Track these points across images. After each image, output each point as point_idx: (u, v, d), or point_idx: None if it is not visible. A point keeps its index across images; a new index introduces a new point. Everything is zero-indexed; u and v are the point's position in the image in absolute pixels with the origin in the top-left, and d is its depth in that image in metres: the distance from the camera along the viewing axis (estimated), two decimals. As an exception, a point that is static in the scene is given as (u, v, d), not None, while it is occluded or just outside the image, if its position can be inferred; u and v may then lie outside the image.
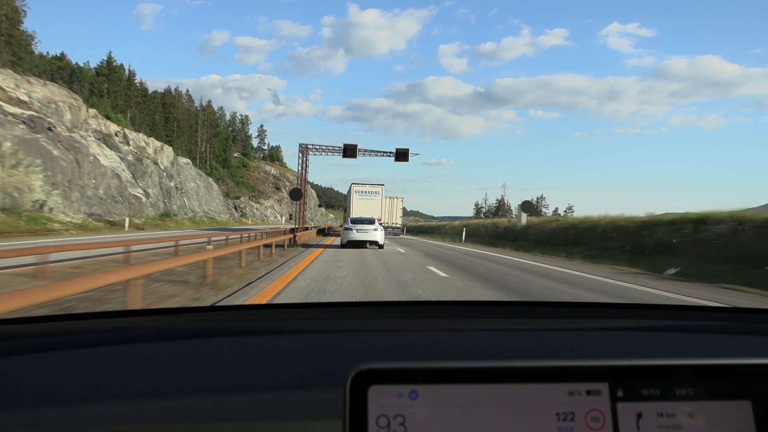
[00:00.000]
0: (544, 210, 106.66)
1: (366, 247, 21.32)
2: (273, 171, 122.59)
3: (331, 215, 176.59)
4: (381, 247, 21.76)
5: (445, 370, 0.42)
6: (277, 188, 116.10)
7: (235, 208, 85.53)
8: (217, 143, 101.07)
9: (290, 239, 22.70)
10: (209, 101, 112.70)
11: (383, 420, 0.41)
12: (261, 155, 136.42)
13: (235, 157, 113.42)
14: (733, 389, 0.43)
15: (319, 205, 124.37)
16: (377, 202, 37.10)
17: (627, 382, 0.43)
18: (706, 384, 0.43)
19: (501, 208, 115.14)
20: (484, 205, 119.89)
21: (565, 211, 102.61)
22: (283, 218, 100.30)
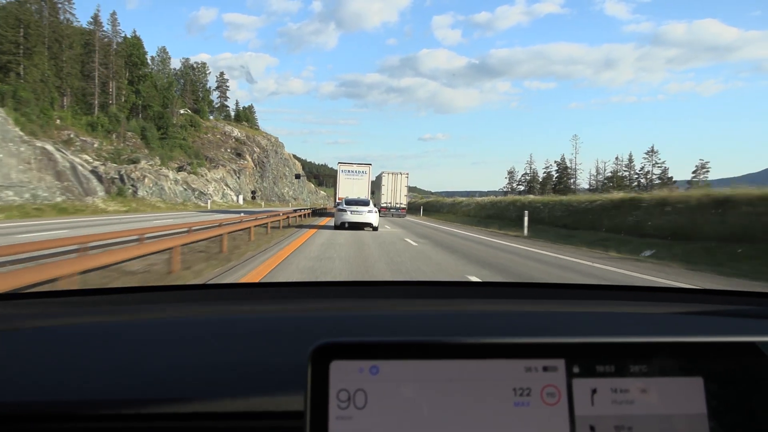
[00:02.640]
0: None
1: (362, 230, 20.56)
2: (236, 133, 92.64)
3: (322, 192, 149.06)
4: (375, 229, 21.68)
5: (404, 345, 0.44)
6: (239, 155, 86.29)
7: (122, 180, 48.37)
8: (145, 90, 70.29)
9: None
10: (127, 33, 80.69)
11: (344, 394, 0.42)
12: (224, 114, 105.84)
13: (181, 114, 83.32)
14: (685, 366, 0.45)
15: (297, 175, 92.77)
16: (364, 181, 36.12)
17: (583, 358, 0.44)
18: (659, 361, 0.45)
19: (565, 175, 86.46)
20: (527, 173, 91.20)
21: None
22: (240, 197, 70.06)
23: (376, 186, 42.93)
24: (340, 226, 21.22)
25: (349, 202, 22.46)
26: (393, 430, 0.42)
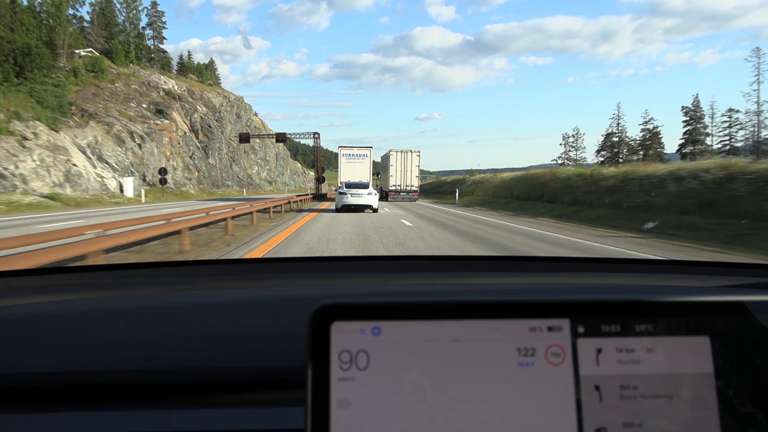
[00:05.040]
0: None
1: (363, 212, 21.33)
2: (169, 85, 61.86)
3: (312, 174, 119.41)
4: (375, 211, 22.16)
5: (407, 306, 0.44)
6: (160, 112, 55.31)
7: None
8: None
9: None
10: None
11: (346, 355, 0.43)
12: (163, 65, 74.93)
13: (80, 55, 53.96)
14: (692, 325, 0.46)
15: (274, 146, 61.95)
16: (365, 165, 36.12)
17: (588, 318, 0.45)
18: (665, 320, 0.46)
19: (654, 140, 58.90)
20: (615, 133, 62.87)
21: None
22: (131, 182, 38.62)
23: (382, 167, 41.76)
24: (341, 209, 22.12)
25: (350, 186, 23.31)
26: (396, 390, 0.43)
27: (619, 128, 74.22)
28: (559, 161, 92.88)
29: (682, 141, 61.58)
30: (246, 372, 0.79)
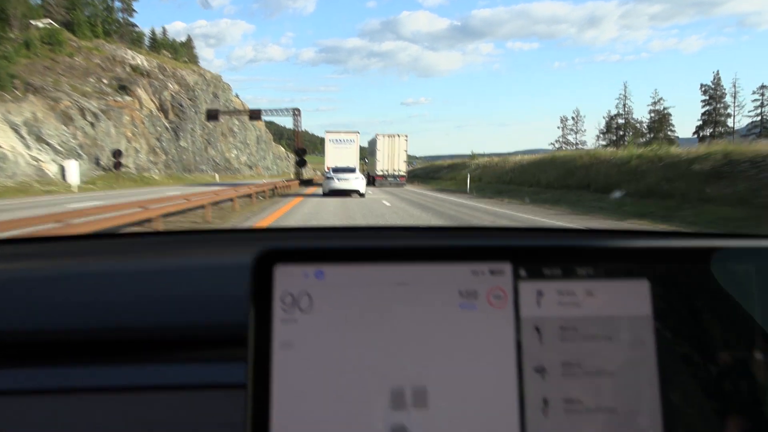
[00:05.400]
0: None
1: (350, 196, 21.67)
2: (137, 61, 55.82)
3: (292, 157, 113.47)
4: (362, 195, 22.43)
5: (350, 250, 0.44)
6: (123, 88, 49.47)
7: None
8: None
9: None
10: None
11: (288, 298, 0.43)
12: (133, 40, 68.73)
13: (38, 27, 48.67)
14: (632, 269, 0.46)
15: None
16: (352, 150, 36.90)
17: (529, 262, 0.45)
18: (605, 264, 0.46)
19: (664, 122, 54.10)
20: (621, 114, 57.95)
21: None
22: (74, 167, 32.61)
23: (369, 152, 41.59)
24: (328, 193, 22.24)
25: (336, 170, 23.61)
26: (339, 332, 0.43)
27: (626, 109, 69.46)
28: (557, 145, 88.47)
29: (700, 122, 56.83)
30: (198, 329, 0.80)
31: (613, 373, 0.45)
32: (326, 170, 27.61)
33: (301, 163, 44.10)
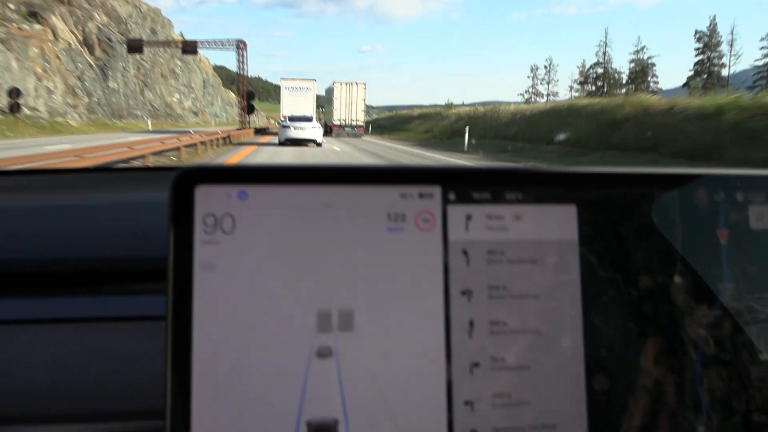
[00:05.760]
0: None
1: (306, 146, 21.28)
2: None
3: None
4: (319, 145, 22.34)
5: (274, 170, 0.44)
6: (33, 15, 41.64)
7: None
8: None
9: None
10: None
11: (210, 219, 0.43)
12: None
13: None
14: (560, 194, 0.47)
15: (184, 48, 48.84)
16: (309, 98, 36.94)
17: (459, 185, 0.46)
18: (534, 189, 0.47)
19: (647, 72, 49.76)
20: (600, 63, 53.20)
21: None
22: None
23: (326, 101, 40.94)
24: (285, 143, 22.01)
25: (293, 119, 23.36)
26: (263, 254, 0.43)
27: (606, 58, 64.67)
28: (526, 96, 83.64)
29: (692, 72, 52.45)
30: (124, 263, 0.80)
31: (538, 296, 0.46)
32: (282, 119, 27.24)
33: (249, 109, 37.80)
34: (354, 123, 36.64)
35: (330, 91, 38.33)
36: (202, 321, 0.42)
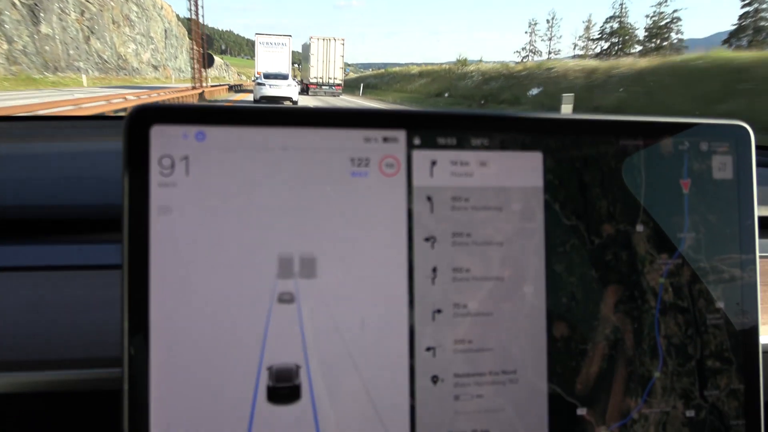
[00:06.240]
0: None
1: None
2: None
3: (219, 60, 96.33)
4: (295, 103, 21.33)
5: (233, 111, 0.43)
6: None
7: None
8: None
9: None
10: None
11: (167, 160, 0.41)
12: None
13: None
14: (526, 141, 0.47)
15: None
16: (285, 54, 35.95)
17: (424, 130, 0.45)
18: (500, 135, 0.47)
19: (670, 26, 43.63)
20: (616, 17, 46.32)
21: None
22: None
23: (303, 57, 41.25)
24: (260, 101, 21.15)
25: (268, 76, 23.12)
26: (222, 197, 0.42)
27: (623, 10, 57.38)
28: (523, 54, 76.36)
29: (735, 26, 45.56)
30: (81, 210, 0.77)
31: (501, 244, 0.46)
32: (256, 75, 27.14)
33: (208, 61, 30.00)
34: (332, 81, 36.12)
35: (306, 48, 37.77)
36: (160, 266, 0.40)
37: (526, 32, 75.95)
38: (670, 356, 0.49)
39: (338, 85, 36.29)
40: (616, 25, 59.31)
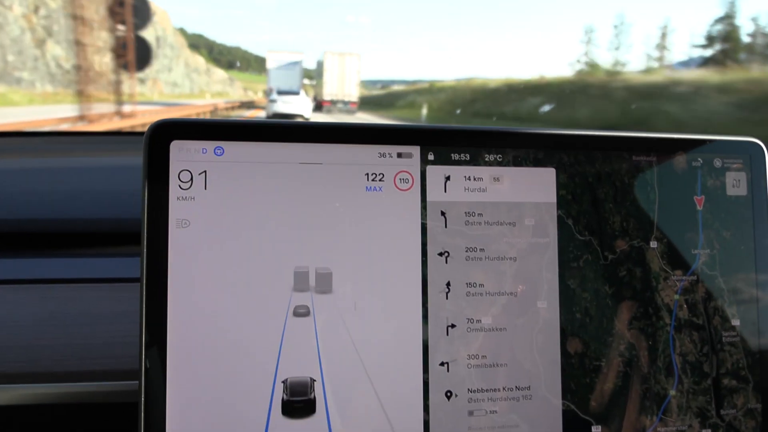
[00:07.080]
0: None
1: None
2: None
3: (222, 74, 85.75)
4: (308, 120, 8.01)
5: (251, 126, 0.43)
6: None
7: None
8: None
9: None
10: None
11: (186, 174, 0.42)
12: None
13: None
14: (539, 157, 0.47)
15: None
16: (296, 71, 36.62)
17: (438, 146, 0.46)
18: (514, 151, 0.47)
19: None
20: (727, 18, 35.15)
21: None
22: None
23: (317, 73, 39.86)
24: (272, 117, 21.45)
25: (281, 92, 23.64)
26: (239, 211, 0.42)
27: (733, 9, 45.70)
28: (577, 66, 64.76)
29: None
30: (102, 224, 0.79)
31: (515, 258, 0.46)
32: (268, 91, 27.83)
33: (139, 62, 18.27)
34: (347, 98, 35.03)
35: (320, 63, 36.87)
36: (177, 279, 0.41)
37: (582, 42, 64.61)
38: (685, 374, 0.48)
39: (353, 102, 35.21)
40: (725, 28, 47.91)
